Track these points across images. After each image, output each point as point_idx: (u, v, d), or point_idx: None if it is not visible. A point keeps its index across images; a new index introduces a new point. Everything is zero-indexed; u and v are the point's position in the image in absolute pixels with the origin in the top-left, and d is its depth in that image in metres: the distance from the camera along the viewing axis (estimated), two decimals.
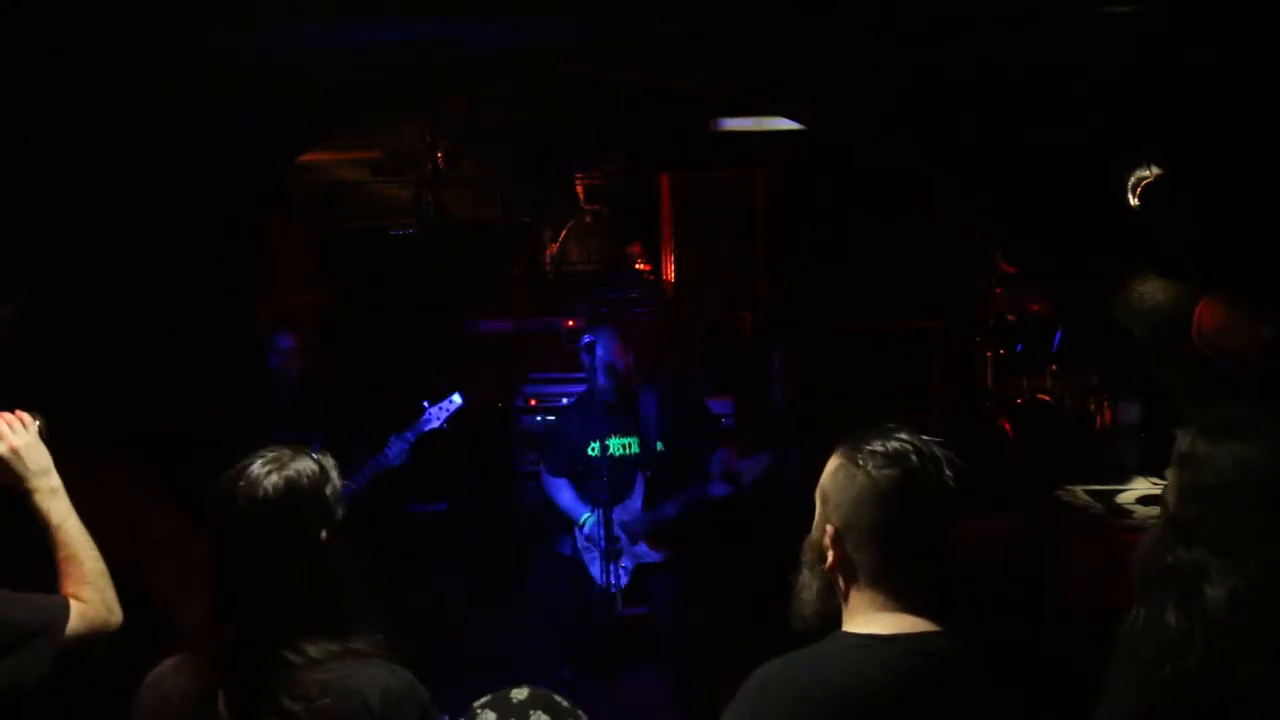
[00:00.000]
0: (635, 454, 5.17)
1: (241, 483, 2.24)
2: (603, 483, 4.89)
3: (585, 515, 5.14)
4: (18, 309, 4.63)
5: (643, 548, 5.11)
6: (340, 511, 2.31)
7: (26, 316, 4.65)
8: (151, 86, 4.90)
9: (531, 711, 1.85)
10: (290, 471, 2.26)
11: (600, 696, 4.93)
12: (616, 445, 5.17)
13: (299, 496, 2.24)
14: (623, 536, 4.99)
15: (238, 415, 5.27)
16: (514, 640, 5.48)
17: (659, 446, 5.16)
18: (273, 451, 2.30)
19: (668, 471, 5.13)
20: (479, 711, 1.87)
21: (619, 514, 4.96)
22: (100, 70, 4.76)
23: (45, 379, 4.68)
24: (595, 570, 5.09)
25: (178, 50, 4.80)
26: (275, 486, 2.23)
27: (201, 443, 4.84)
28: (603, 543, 4.92)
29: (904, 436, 2.08)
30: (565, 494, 5.25)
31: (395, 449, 5.19)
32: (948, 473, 2.05)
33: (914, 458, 2.04)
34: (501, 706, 1.87)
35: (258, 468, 2.26)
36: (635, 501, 5.09)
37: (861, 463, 2.07)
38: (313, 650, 2.19)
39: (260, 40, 4.89)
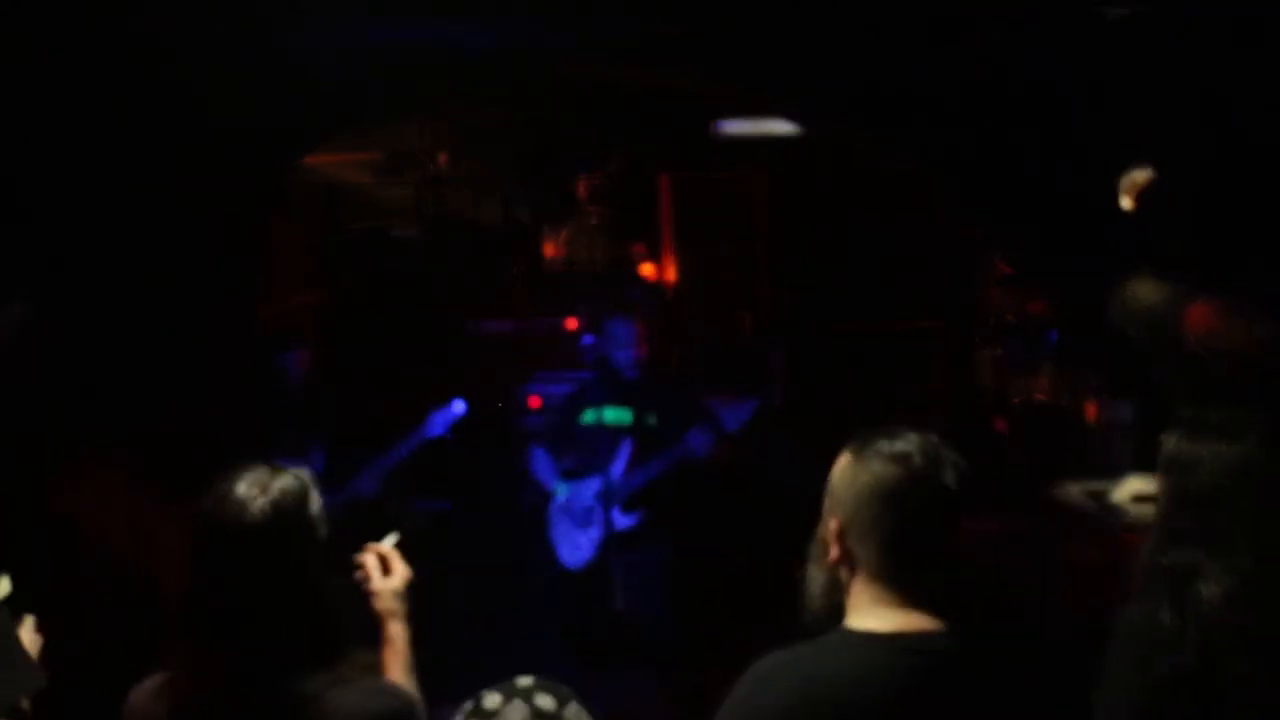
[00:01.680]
0: (627, 424, 5.18)
1: (227, 510, 2.17)
2: (604, 442, 4.93)
3: (560, 486, 5.18)
4: (19, 310, 4.64)
5: (616, 511, 5.12)
6: (324, 530, 2.25)
7: (27, 317, 4.66)
8: (152, 87, 4.91)
9: (536, 693, 1.87)
10: (275, 495, 2.19)
11: (600, 696, 4.93)
12: (611, 415, 5.20)
13: (286, 520, 2.18)
14: (597, 505, 5.01)
15: (238, 415, 5.27)
16: (514, 639, 5.48)
17: (652, 421, 5.17)
18: (253, 473, 2.22)
19: (655, 440, 5.14)
20: (485, 694, 1.89)
21: (600, 481, 4.98)
22: (101, 70, 4.76)
23: (46, 379, 4.69)
24: (563, 550, 5.13)
25: (178, 51, 4.81)
26: (263, 511, 2.16)
27: (201, 443, 4.85)
28: (579, 512, 4.98)
29: (912, 437, 2.10)
30: (542, 464, 5.29)
31: (397, 454, 5.18)
32: (951, 475, 2.06)
33: (918, 459, 2.06)
34: (506, 689, 1.89)
35: (241, 493, 2.18)
36: (618, 466, 5.10)
37: (866, 460, 2.09)
38: (306, 683, 2.15)
39: (261, 41, 4.90)
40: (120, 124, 4.90)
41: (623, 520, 5.10)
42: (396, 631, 2.46)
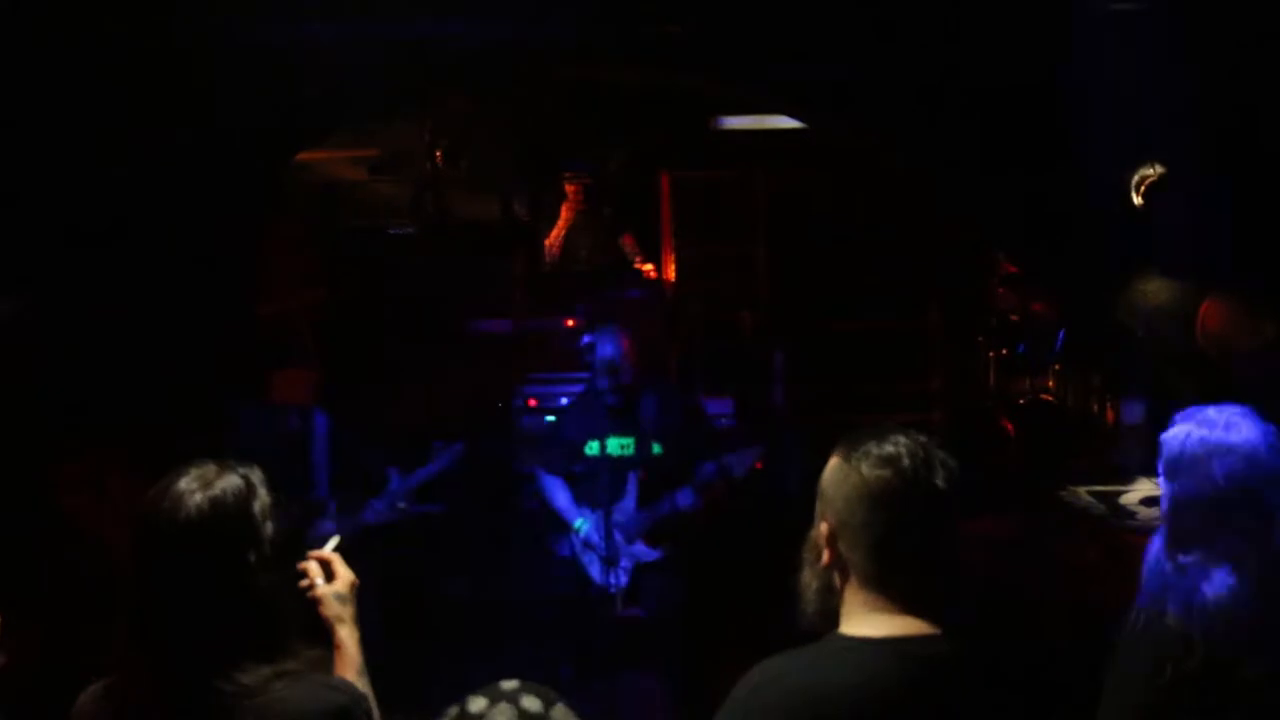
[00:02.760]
0: (632, 455, 5.14)
1: (165, 504, 2.16)
2: (603, 483, 4.88)
3: (579, 521, 5.11)
4: (19, 308, 4.63)
5: (640, 546, 5.09)
6: (270, 528, 2.22)
7: (27, 315, 4.65)
8: (151, 86, 4.90)
9: (522, 695, 1.86)
10: (215, 490, 2.17)
11: (600, 697, 4.92)
12: (615, 445, 5.15)
13: (224, 516, 2.16)
14: (619, 537, 4.97)
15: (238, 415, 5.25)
16: (513, 641, 5.47)
17: (656, 449, 5.13)
18: (198, 468, 2.21)
19: (662, 472, 5.11)
20: (470, 698, 1.88)
21: (614, 515, 4.95)
22: (101, 69, 4.76)
23: (46, 379, 4.69)
24: (595, 572, 5.07)
25: (178, 50, 4.80)
26: (199, 507, 2.15)
27: (202, 443, 4.84)
28: (602, 547, 4.91)
29: (901, 439, 2.06)
30: (560, 496, 5.22)
31: (385, 501, 5.01)
32: (941, 477, 2.04)
33: (907, 461, 2.03)
34: (491, 693, 1.88)
35: (181, 487, 2.17)
36: (629, 501, 5.06)
37: (855, 463, 2.06)
38: (244, 677, 2.13)
39: (260, 40, 4.89)
40: (120, 123, 4.89)
41: (649, 553, 5.08)
42: (344, 635, 2.44)
